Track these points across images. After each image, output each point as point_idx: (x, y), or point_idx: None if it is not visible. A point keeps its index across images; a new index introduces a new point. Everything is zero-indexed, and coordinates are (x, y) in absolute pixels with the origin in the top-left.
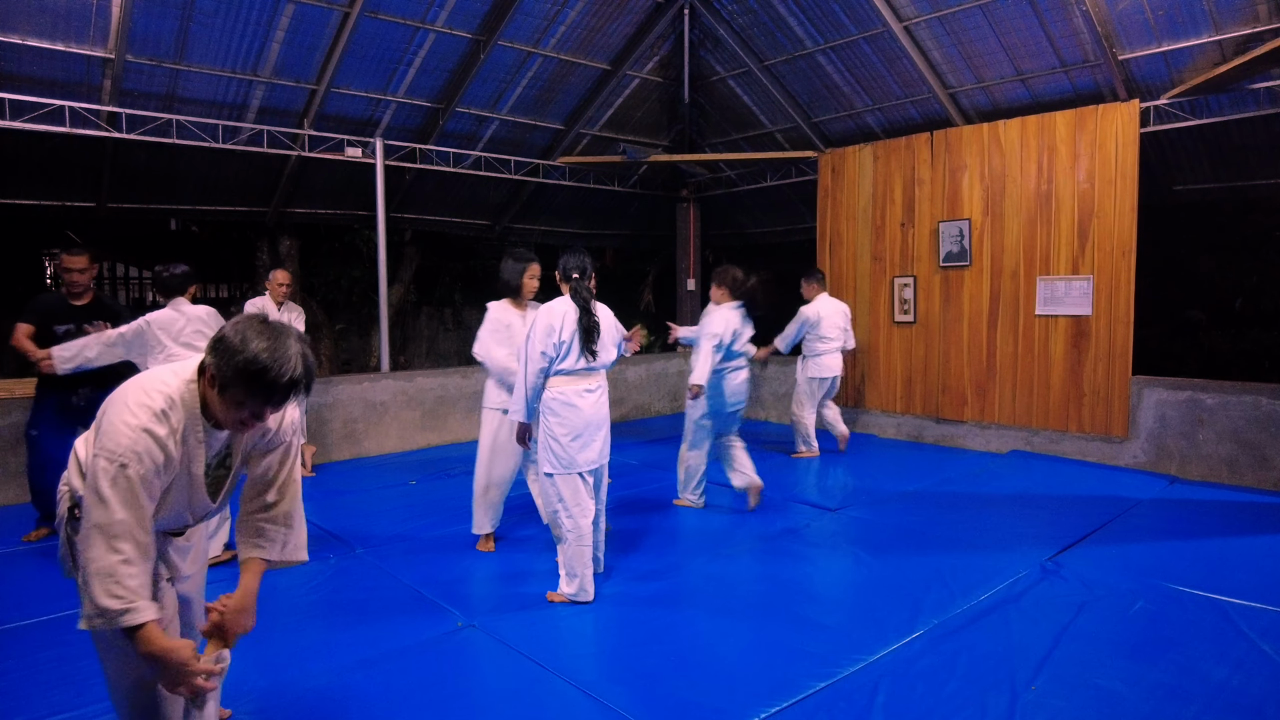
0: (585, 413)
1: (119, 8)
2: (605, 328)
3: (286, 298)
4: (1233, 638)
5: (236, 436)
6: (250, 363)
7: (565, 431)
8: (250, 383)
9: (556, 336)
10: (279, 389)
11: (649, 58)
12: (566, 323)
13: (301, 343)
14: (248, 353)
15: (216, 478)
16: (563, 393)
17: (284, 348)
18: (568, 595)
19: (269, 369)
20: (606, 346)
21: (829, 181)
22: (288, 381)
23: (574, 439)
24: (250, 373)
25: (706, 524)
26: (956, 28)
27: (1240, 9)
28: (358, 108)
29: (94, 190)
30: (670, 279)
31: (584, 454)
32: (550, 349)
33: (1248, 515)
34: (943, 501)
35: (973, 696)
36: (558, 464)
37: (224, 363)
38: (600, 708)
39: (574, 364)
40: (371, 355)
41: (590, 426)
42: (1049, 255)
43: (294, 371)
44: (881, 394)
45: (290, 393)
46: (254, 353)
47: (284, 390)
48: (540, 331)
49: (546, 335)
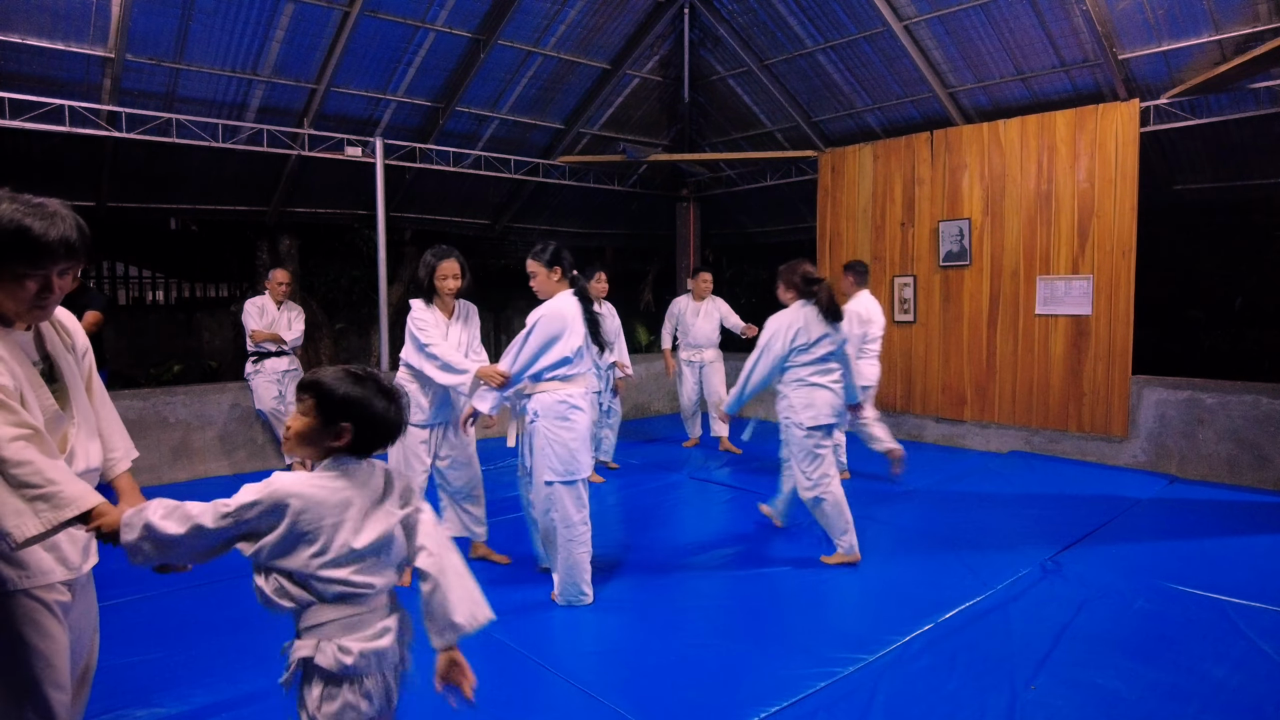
0: (590, 416)
1: (119, 7)
2: (610, 330)
3: (286, 297)
4: (1233, 637)
5: (43, 337)
6: (7, 223)
7: (572, 436)
8: (16, 245)
9: (570, 340)
10: (51, 244)
11: (649, 57)
12: (575, 325)
13: (66, 208)
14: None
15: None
16: (571, 395)
17: (42, 206)
18: (563, 599)
19: (31, 226)
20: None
21: (829, 181)
22: (59, 237)
23: (582, 444)
24: (10, 232)
25: (706, 524)
26: (956, 27)
27: (1240, 9)
28: (358, 107)
29: (94, 189)
30: (670, 278)
31: (586, 458)
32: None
33: (1247, 515)
34: (943, 501)
35: (972, 696)
36: (563, 472)
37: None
38: (600, 708)
39: (583, 367)
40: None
41: (590, 429)
42: (1049, 255)
43: (64, 227)
44: (881, 394)
45: (67, 249)
46: (7, 214)
47: (57, 246)
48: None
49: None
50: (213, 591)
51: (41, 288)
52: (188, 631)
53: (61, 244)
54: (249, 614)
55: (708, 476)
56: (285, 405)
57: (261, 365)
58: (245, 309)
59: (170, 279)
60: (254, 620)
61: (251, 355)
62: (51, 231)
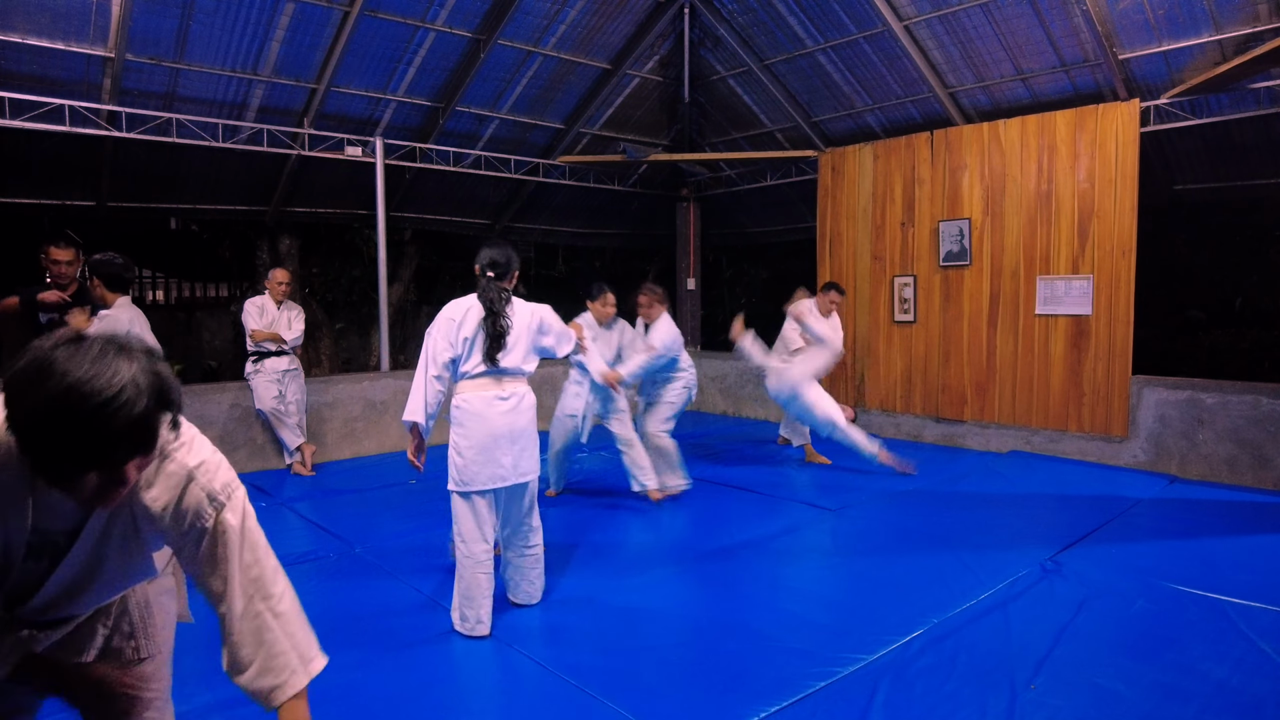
0: (492, 423)
1: (119, 6)
2: (520, 330)
3: (286, 296)
4: (1233, 638)
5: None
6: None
7: (468, 444)
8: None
9: (456, 333)
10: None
11: (649, 57)
12: (469, 319)
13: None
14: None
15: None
16: (467, 400)
17: (109, 368)
18: (457, 627)
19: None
20: (519, 350)
21: (829, 181)
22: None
23: (477, 453)
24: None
25: (706, 523)
26: (957, 27)
27: (1240, 9)
28: (358, 107)
29: (94, 189)
30: (670, 278)
31: (486, 470)
32: (448, 347)
33: (1247, 515)
34: (943, 501)
35: (972, 696)
36: (454, 480)
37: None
38: (600, 708)
39: (475, 367)
40: (371, 354)
41: (498, 440)
42: (1049, 255)
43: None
44: (881, 394)
45: (130, 436)
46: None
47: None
48: (439, 324)
49: (445, 328)
50: None
51: (105, 481)
52: (188, 631)
53: (130, 429)
54: None
55: (708, 476)
56: (285, 405)
57: (261, 365)
58: (245, 309)
59: (170, 279)
60: None
61: (251, 355)
62: (118, 420)
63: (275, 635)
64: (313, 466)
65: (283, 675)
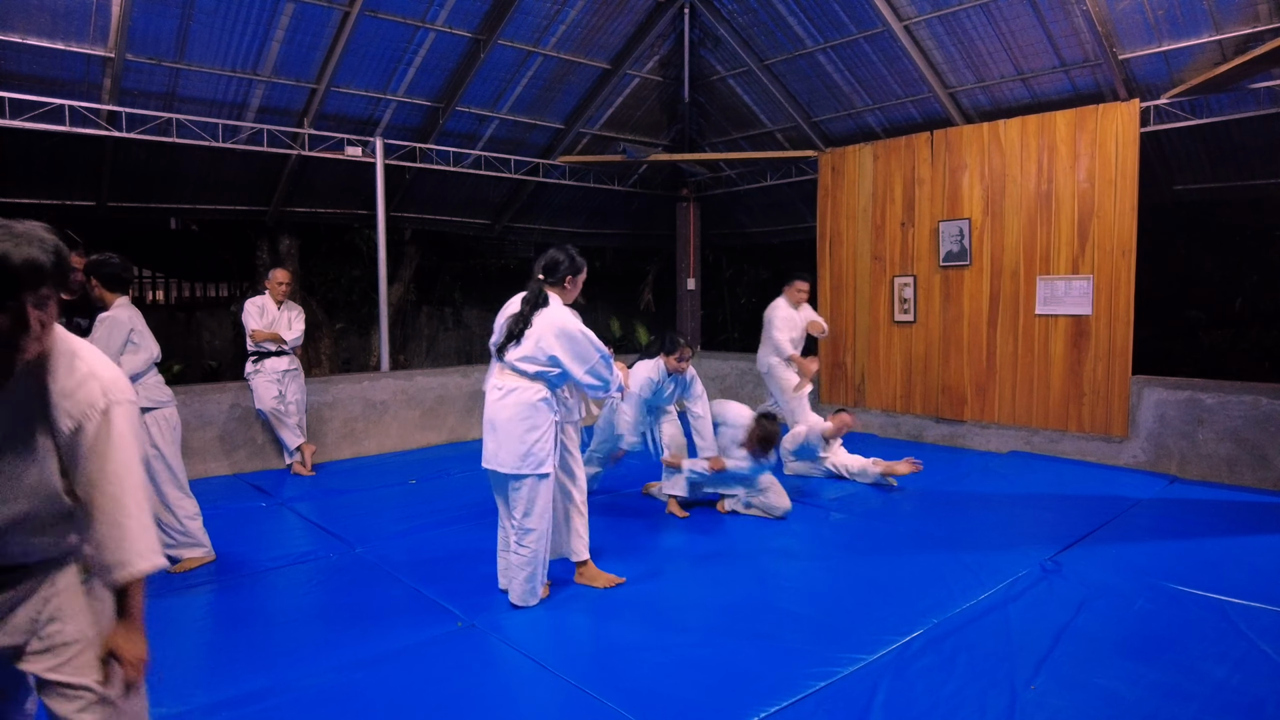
0: (488, 409)
1: (119, 6)
2: (535, 332)
3: (286, 296)
4: (1233, 638)
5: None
6: None
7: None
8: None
9: (500, 319)
10: (16, 269)
11: (649, 57)
12: (508, 309)
13: (43, 229)
14: None
15: None
16: (487, 381)
17: (8, 228)
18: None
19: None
20: (525, 349)
21: (829, 181)
22: (24, 260)
23: (483, 431)
24: None
25: (705, 524)
26: (957, 27)
27: (1240, 9)
28: (358, 107)
29: (94, 189)
30: (670, 278)
31: (485, 448)
32: (495, 330)
33: (1247, 515)
34: (942, 501)
35: (972, 696)
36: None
37: None
38: (600, 707)
39: (495, 354)
40: (371, 354)
41: (487, 425)
42: (1049, 255)
43: (31, 250)
44: (881, 394)
45: (34, 275)
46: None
47: (23, 272)
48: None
49: (501, 313)
50: (212, 591)
51: (12, 323)
52: (187, 631)
53: (29, 268)
54: (248, 613)
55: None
56: (285, 405)
57: (261, 365)
58: (245, 309)
59: (170, 279)
60: (254, 620)
61: (251, 355)
62: (15, 255)
63: (132, 525)
64: (313, 466)
65: (130, 558)
